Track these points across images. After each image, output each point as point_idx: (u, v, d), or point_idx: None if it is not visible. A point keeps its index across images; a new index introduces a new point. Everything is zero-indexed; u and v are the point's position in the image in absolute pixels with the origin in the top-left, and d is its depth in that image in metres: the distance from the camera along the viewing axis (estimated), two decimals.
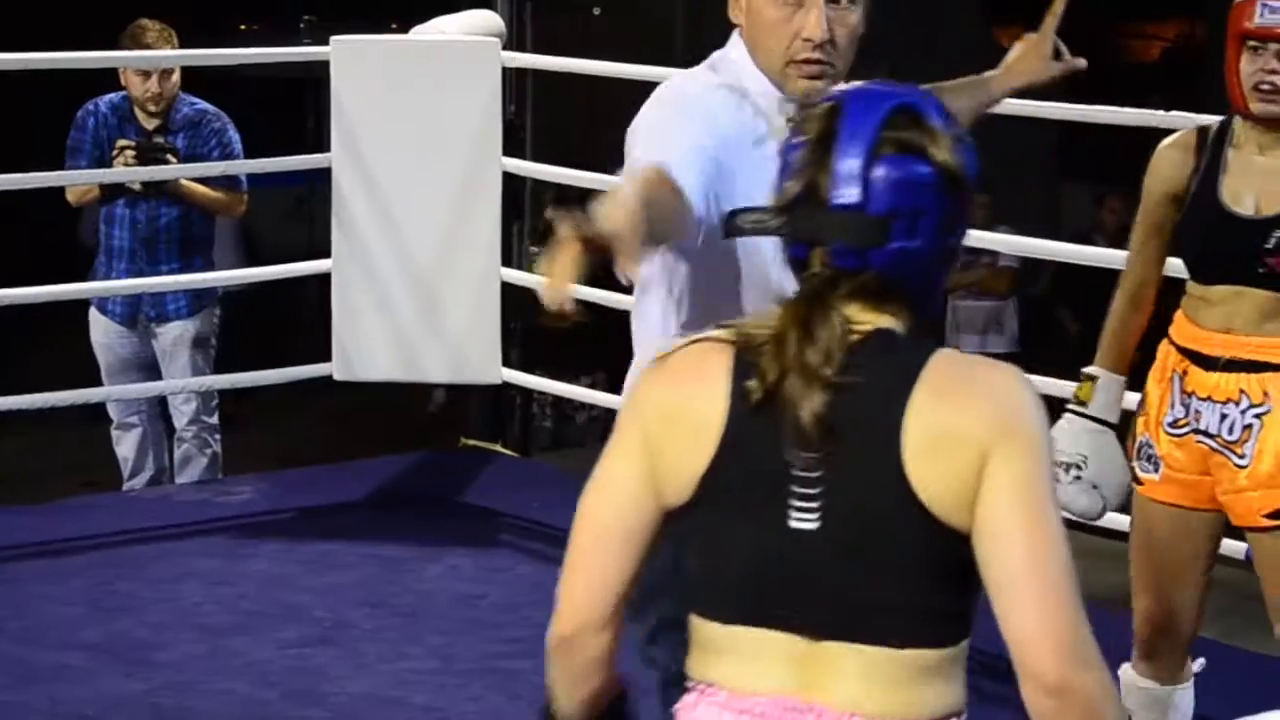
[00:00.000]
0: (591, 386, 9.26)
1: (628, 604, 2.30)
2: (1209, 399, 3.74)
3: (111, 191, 6.40)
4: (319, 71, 6.54)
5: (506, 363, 6.55)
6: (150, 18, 6.48)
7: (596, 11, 13.84)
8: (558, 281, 2.23)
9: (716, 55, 3.02)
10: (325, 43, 6.41)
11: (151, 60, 6.34)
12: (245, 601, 5.31)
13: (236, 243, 11.13)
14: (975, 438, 2.11)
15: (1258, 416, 3.70)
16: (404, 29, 6.65)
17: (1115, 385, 3.90)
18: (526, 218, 7.14)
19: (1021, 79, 3.41)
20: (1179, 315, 3.83)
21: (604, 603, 2.27)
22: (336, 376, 6.49)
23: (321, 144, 6.55)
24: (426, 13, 6.52)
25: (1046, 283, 10.37)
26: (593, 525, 2.29)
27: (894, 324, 2.19)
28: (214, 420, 6.59)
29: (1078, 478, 3.84)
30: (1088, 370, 3.92)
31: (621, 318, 7.34)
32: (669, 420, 2.22)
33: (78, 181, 6.41)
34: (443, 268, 6.35)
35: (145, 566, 5.59)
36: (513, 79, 6.60)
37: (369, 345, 6.41)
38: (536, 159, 6.79)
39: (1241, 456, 3.72)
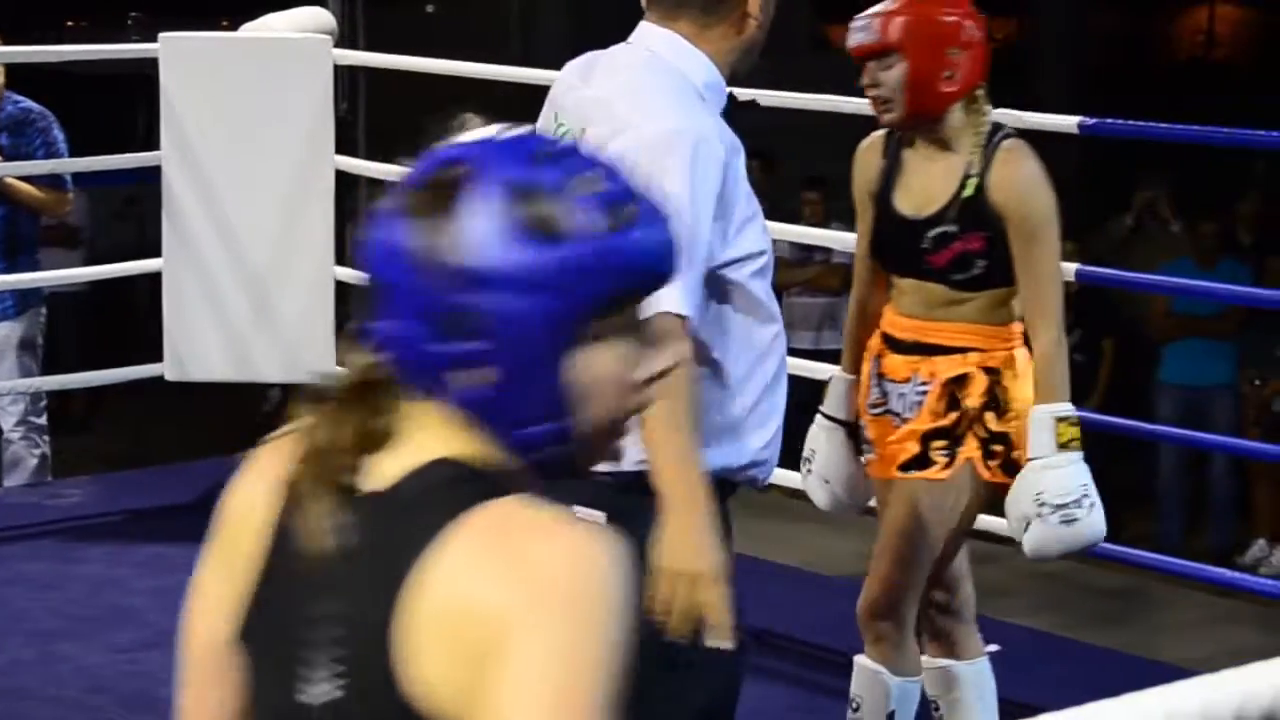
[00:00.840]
0: None
1: None
2: (893, 380, 3.91)
3: None
4: (148, 69, 6.47)
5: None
6: None
7: (430, 8, 13.83)
8: None
9: (648, 48, 2.97)
10: (153, 40, 6.35)
11: None
12: (75, 605, 5.25)
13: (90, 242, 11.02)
14: (494, 612, 1.57)
15: (923, 394, 3.87)
16: (234, 26, 6.59)
17: (843, 383, 4.03)
18: (360, 216, 7.10)
19: None
20: (888, 304, 4.00)
21: None
22: (168, 377, 6.43)
23: (151, 142, 6.47)
24: (256, 9, 6.47)
25: None
26: (188, 644, 1.80)
27: (456, 449, 1.67)
28: (42, 421, 6.52)
29: (809, 472, 4.00)
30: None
31: None
32: (237, 525, 1.77)
33: None
34: (276, 266, 6.31)
35: None
36: (345, 76, 6.57)
37: (201, 345, 6.35)
38: (370, 157, 6.76)
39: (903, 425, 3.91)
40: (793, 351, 6.85)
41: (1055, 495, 3.65)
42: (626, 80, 2.96)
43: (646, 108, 2.89)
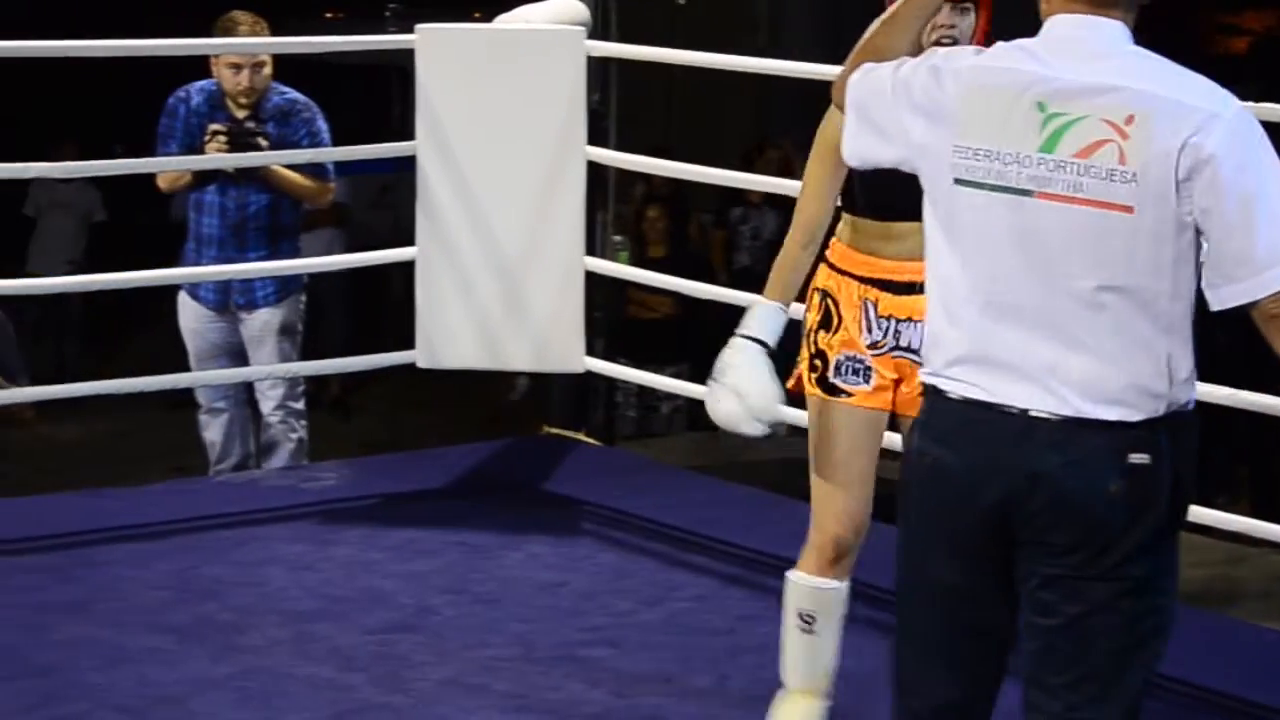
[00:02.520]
0: (676, 377, 9.24)
1: None
2: (909, 319, 4.08)
3: (202, 178, 6.46)
4: (404, 60, 6.57)
5: (590, 352, 6.56)
6: (239, 7, 6.54)
7: (681, 0, 13.84)
8: None
9: (1111, 41, 3.10)
10: (410, 31, 6.44)
11: (238, 48, 6.39)
12: (330, 587, 5.35)
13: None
14: None
15: None
16: (488, 18, 6.67)
17: (779, 313, 4.10)
18: (610, 207, 7.15)
19: None
20: (848, 251, 4.16)
21: None
22: (421, 364, 6.52)
23: (407, 132, 6.57)
24: (511, 1, 6.54)
25: None
26: None
27: None
28: (300, 406, 6.66)
29: (720, 383, 4.04)
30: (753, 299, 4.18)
31: (708, 309, 7.32)
32: None
33: (170, 168, 6.47)
34: (527, 256, 6.37)
35: (232, 551, 5.64)
36: (597, 68, 6.61)
37: (453, 333, 6.44)
38: (621, 148, 6.79)
39: None
40: None
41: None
42: (1142, 67, 3.05)
43: (1202, 93, 3.02)
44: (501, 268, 6.37)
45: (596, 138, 6.56)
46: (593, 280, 6.52)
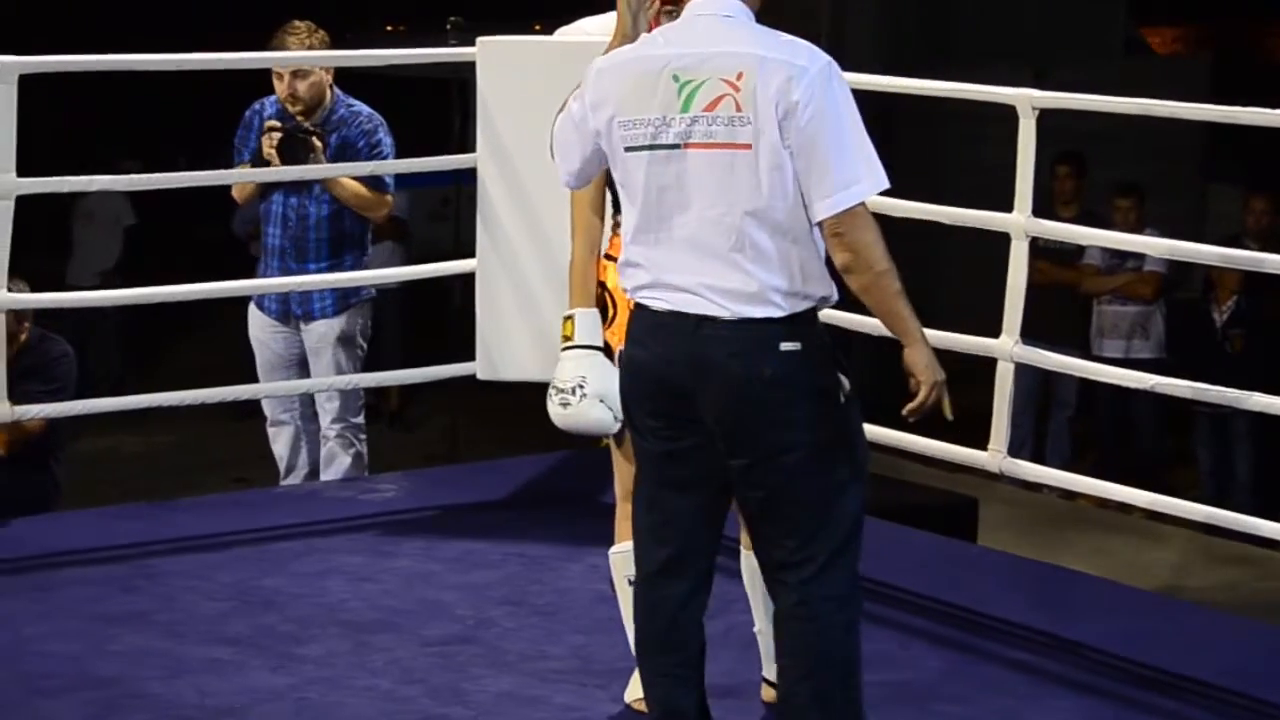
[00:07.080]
0: None
1: None
2: None
3: (267, 186, 6.49)
4: (465, 72, 6.58)
5: None
6: (298, 18, 6.56)
7: None
8: None
9: (726, 13, 3.87)
10: (470, 44, 6.45)
11: (287, 61, 6.41)
12: (389, 598, 5.36)
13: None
14: None
15: None
16: (548, 30, 6.67)
17: (592, 315, 4.48)
18: None
19: None
20: (611, 265, 4.45)
21: None
22: (480, 376, 6.52)
23: (467, 144, 6.57)
24: (571, 13, 6.54)
25: (1198, 286, 10.16)
26: None
27: None
28: (359, 420, 6.65)
29: (584, 395, 4.39)
30: (567, 312, 4.51)
31: None
32: None
33: (226, 180, 6.49)
34: None
35: (291, 562, 5.66)
36: None
37: (513, 345, 6.43)
38: None
39: None
40: (1101, 359, 6.69)
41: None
42: (753, 36, 3.81)
43: (797, 52, 3.78)
44: (561, 280, 6.31)
45: None
46: None
